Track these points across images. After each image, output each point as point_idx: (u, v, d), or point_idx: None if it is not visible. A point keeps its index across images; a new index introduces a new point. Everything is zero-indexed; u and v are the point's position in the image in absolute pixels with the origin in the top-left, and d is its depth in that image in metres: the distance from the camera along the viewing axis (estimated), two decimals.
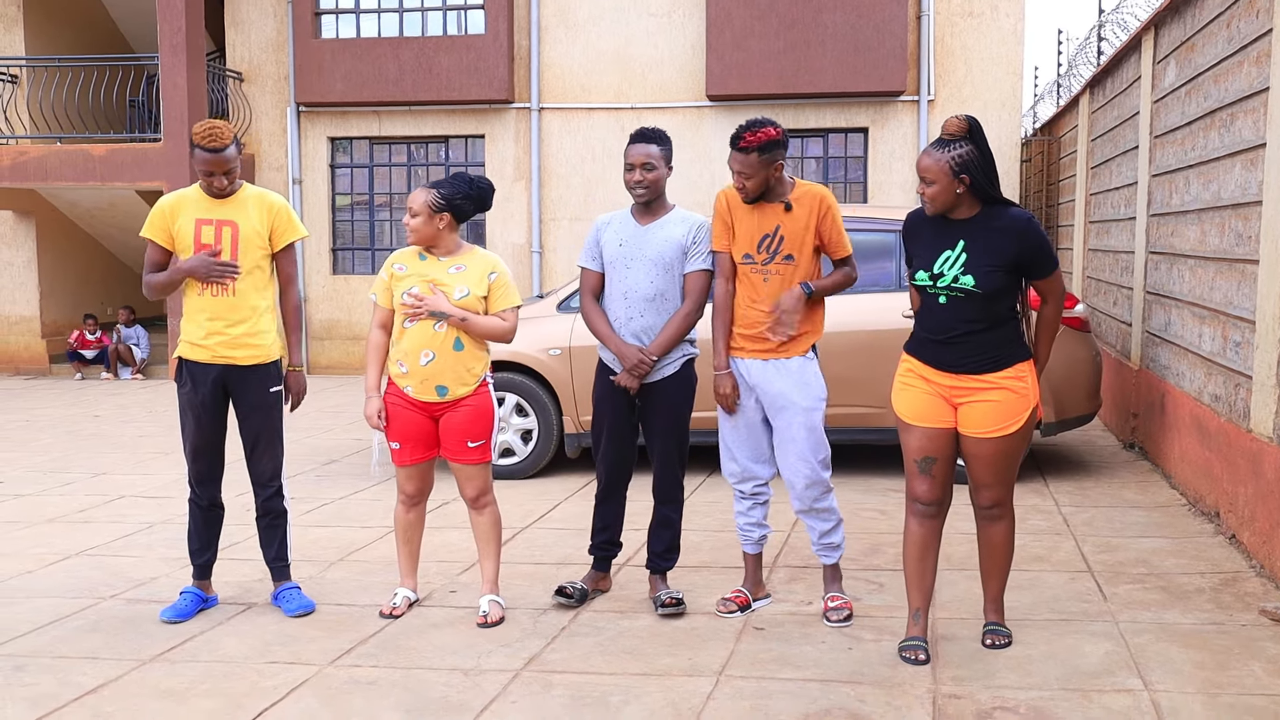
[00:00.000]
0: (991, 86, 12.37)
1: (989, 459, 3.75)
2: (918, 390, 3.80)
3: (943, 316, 3.71)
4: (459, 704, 3.52)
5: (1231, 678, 3.60)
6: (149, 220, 4.36)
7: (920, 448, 3.81)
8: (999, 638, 3.89)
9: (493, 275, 4.29)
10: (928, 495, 3.84)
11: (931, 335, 3.75)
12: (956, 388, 3.73)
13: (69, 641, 4.13)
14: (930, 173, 3.64)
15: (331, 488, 6.85)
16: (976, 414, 3.71)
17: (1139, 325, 7.47)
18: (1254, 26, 5.16)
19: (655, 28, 12.76)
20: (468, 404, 4.25)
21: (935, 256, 3.70)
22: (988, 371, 3.69)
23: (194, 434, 4.36)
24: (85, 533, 5.78)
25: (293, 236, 4.41)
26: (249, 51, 13.57)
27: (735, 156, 4.11)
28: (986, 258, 3.62)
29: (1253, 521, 4.86)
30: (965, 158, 3.61)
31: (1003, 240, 3.63)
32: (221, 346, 4.28)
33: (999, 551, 3.91)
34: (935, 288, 3.70)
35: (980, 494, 3.85)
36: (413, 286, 4.19)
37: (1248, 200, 5.14)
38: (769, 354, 4.19)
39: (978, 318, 3.66)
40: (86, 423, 9.78)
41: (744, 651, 3.92)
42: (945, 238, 3.71)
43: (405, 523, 4.44)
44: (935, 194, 3.66)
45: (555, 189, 13.13)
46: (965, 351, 3.69)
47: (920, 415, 3.80)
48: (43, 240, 13.83)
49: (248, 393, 4.36)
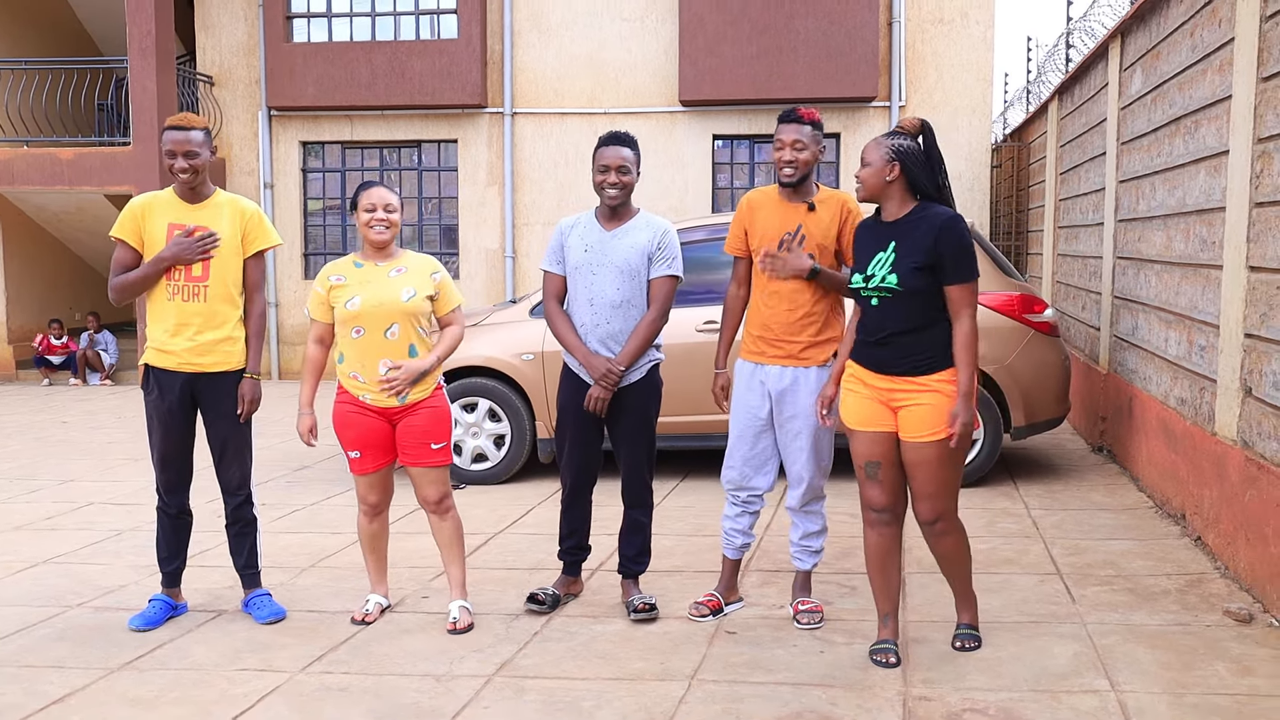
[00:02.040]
0: (962, 93, 12.48)
1: (926, 465, 3.69)
2: (859, 395, 3.81)
3: (875, 318, 3.73)
4: (431, 710, 3.51)
5: (1196, 678, 3.65)
6: (120, 220, 4.29)
7: (864, 453, 3.81)
8: (968, 641, 3.91)
9: (436, 275, 4.27)
10: (878, 501, 3.84)
11: (866, 337, 3.78)
12: (893, 390, 3.73)
13: (35, 650, 4.08)
14: (868, 154, 3.72)
15: (303, 494, 6.81)
16: (912, 418, 3.70)
17: (1107, 330, 7.55)
18: (1216, 35, 5.23)
19: (628, 32, 12.78)
20: (425, 407, 4.23)
21: (870, 259, 3.74)
22: (920, 374, 3.68)
23: (162, 442, 4.32)
24: (52, 540, 5.72)
25: (264, 244, 4.36)
26: (220, 55, 13.49)
27: (789, 129, 4.12)
28: (909, 257, 3.64)
29: (1217, 524, 4.92)
30: (904, 149, 3.67)
31: (924, 236, 3.64)
32: (189, 353, 4.24)
33: (952, 563, 3.90)
34: (866, 289, 3.73)
35: (920, 506, 3.77)
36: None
37: (1211, 206, 5.22)
38: (789, 360, 4.19)
39: (906, 317, 3.67)
40: (54, 429, 9.68)
41: (716, 655, 3.94)
42: (881, 240, 3.74)
43: (370, 532, 4.42)
44: (866, 175, 3.72)
45: (528, 193, 13.12)
46: (897, 352, 3.69)
47: (862, 420, 3.80)
48: (9, 244, 13.67)
49: (215, 401, 4.32)
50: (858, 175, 3.77)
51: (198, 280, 4.22)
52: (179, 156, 4.18)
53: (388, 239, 4.20)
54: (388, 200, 4.19)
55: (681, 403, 6.35)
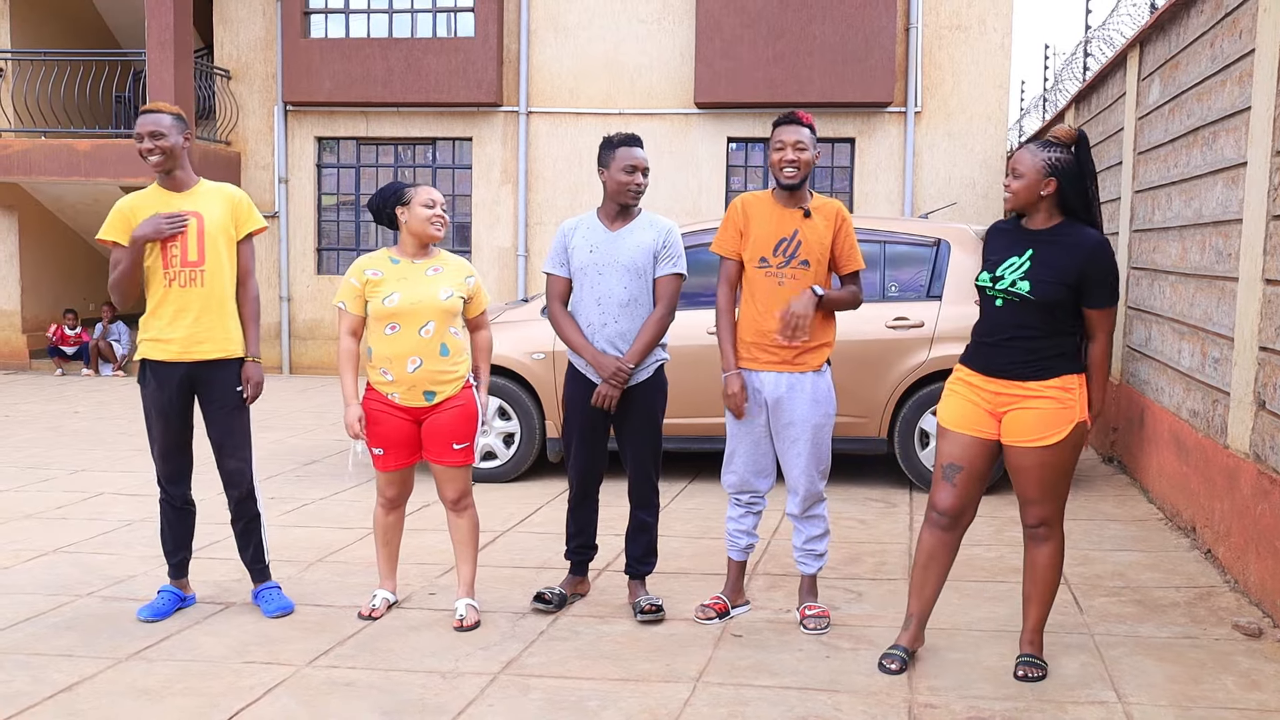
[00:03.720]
0: (978, 99, 12.45)
1: (1032, 471, 3.66)
2: (960, 398, 3.77)
3: (997, 319, 3.69)
4: (436, 706, 3.52)
5: (1204, 691, 3.63)
6: (108, 222, 4.26)
7: (949, 453, 3.77)
8: (1033, 669, 3.72)
9: (471, 279, 4.31)
10: (944, 504, 3.79)
11: (984, 338, 3.73)
12: (1001, 394, 3.68)
13: (44, 639, 4.10)
14: (1022, 165, 3.62)
15: (311, 488, 6.83)
16: (1019, 422, 3.65)
17: (1120, 340, 7.53)
18: (1237, 46, 5.21)
19: (645, 34, 12.79)
20: (453, 405, 4.25)
21: (1003, 261, 3.69)
22: (1033, 379, 3.63)
23: (161, 435, 4.32)
24: (63, 529, 5.74)
25: (252, 226, 4.37)
26: (237, 49, 13.54)
27: (790, 129, 4.12)
28: (1048, 269, 3.59)
29: (1228, 537, 4.90)
30: (1060, 162, 3.58)
31: (1069, 255, 3.58)
32: (188, 340, 4.23)
33: (1043, 574, 3.78)
34: (993, 289, 3.68)
35: (1026, 511, 3.75)
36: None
37: (1228, 218, 5.20)
38: (784, 366, 4.18)
39: (1031, 324, 3.62)
40: (66, 419, 9.72)
41: (722, 658, 3.93)
42: (1018, 245, 3.69)
43: (385, 525, 4.43)
44: (1019, 188, 3.63)
45: (542, 192, 13.14)
46: (1013, 355, 3.64)
47: (957, 422, 3.76)
48: (25, 235, 13.75)
49: (213, 391, 4.31)
50: (1009, 186, 3.66)
51: (194, 265, 4.22)
52: (145, 138, 4.18)
53: (442, 236, 4.26)
54: (442, 199, 4.27)
55: (691, 405, 6.36)
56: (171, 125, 4.21)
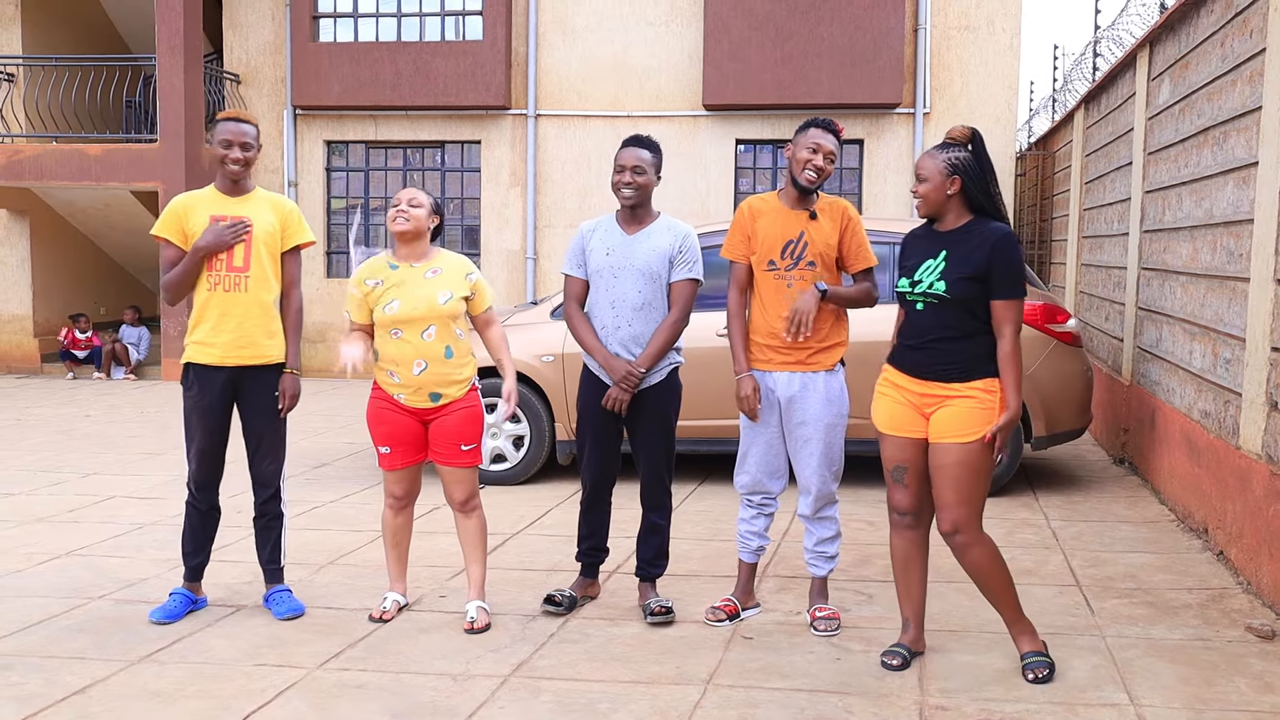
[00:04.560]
0: (987, 100, 12.43)
1: (949, 470, 3.66)
2: (891, 400, 3.84)
3: (919, 322, 3.76)
4: (447, 709, 3.52)
5: (1217, 693, 3.62)
6: (162, 219, 4.35)
7: (892, 457, 3.84)
8: (1040, 670, 3.71)
9: (471, 276, 4.32)
10: (903, 504, 3.87)
11: (908, 341, 3.80)
12: (927, 395, 3.74)
13: (57, 641, 4.12)
14: (925, 170, 3.72)
15: (322, 491, 6.85)
16: (942, 420, 3.70)
17: (1130, 341, 7.50)
18: (1247, 46, 5.20)
19: (653, 36, 12.80)
20: (459, 408, 4.26)
21: (919, 265, 3.77)
22: (956, 380, 3.69)
23: (201, 438, 4.35)
24: (75, 532, 5.77)
25: (301, 239, 4.44)
26: (246, 54, 13.58)
27: (827, 137, 4.16)
28: (960, 267, 3.67)
29: (1240, 538, 4.88)
30: (961, 162, 3.69)
31: (978, 250, 3.67)
32: (232, 345, 4.28)
33: (986, 580, 3.77)
34: (913, 294, 3.76)
35: (941, 517, 3.71)
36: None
37: (1239, 218, 5.18)
38: (797, 366, 4.19)
39: (951, 325, 3.69)
40: (78, 422, 9.76)
41: (732, 660, 3.93)
42: (931, 248, 3.78)
43: (394, 527, 4.44)
44: (927, 191, 3.72)
45: (550, 195, 13.15)
46: (936, 357, 3.71)
47: (892, 425, 3.82)
48: (37, 239, 13.81)
49: (254, 394, 4.36)
50: (916, 191, 3.75)
51: (239, 271, 4.28)
52: (235, 147, 4.27)
53: (406, 229, 4.22)
54: (411, 195, 4.25)
55: (700, 407, 6.35)
56: (256, 137, 4.33)
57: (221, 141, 4.26)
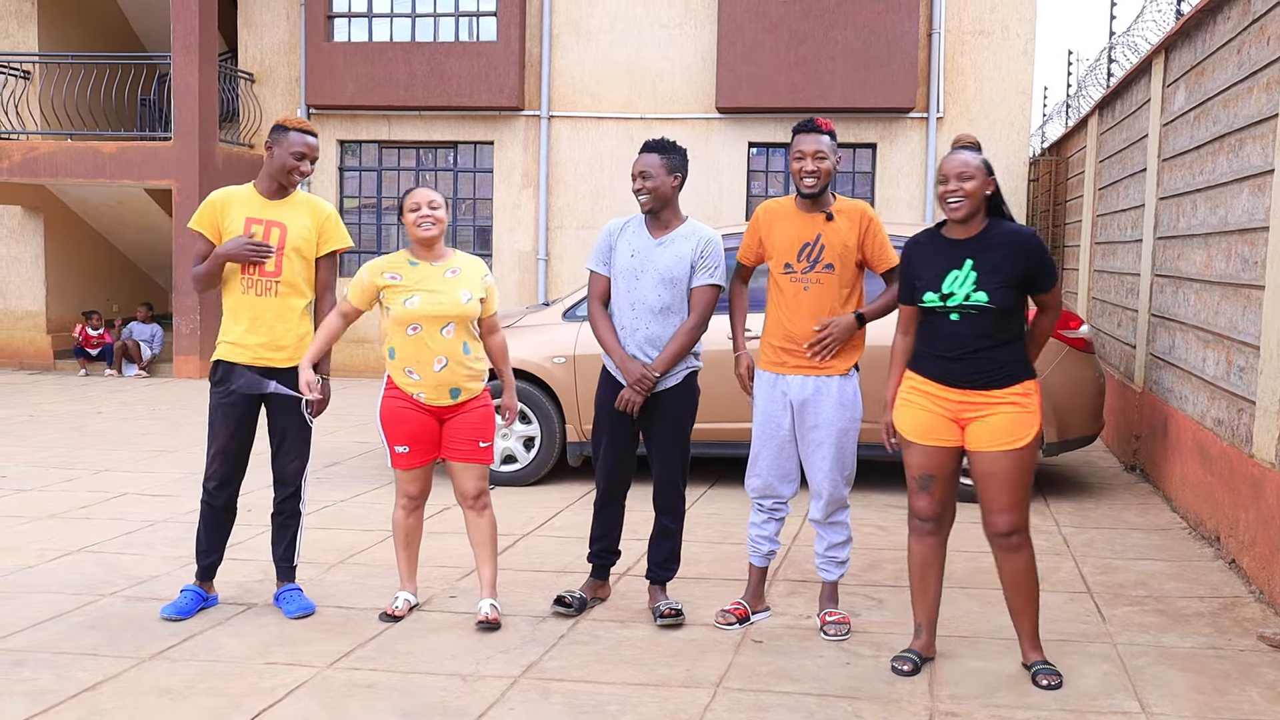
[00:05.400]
0: (1000, 105, 12.41)
1: (1002, 476, 3.69)
2: (919, 408, 3.80)
3: (954, 333, 3.70)
4: (457, 709, 3.52)
5: (1228, 702, 3.61)
6: (199, 213, 4.39)
7: (920, 465, 3.82)
8: (1051, 678, 3.71)
9: (487, 278, 4.35)
10: (925, 511, 3.86)
11: (941, 353, 3.74)
12: (965, 404, 3.72)
13: (69, 638, 4.13)
14: (970, 168, 3.67)
15: (332, 490, 6.86)
16: (985, 429, 3.70)
17: (1143, 348, 7.48)
18: (1265, 53, 5.18)
19: (666, 38, 12.81)
20: (475, 406, 4.29)
21: (943, 277, 3.71)
22: (996, 387, 3.68)
23: (224, 436, 4.37)
24: (87, 529, 5.79)
25: (338, 244, 4.45)
26: (261, 53, 13.63)
27: (809, 139, 4.14)
28: (997, 275, 3.64)
29: (1253, 547, 4.86)
30: (988, 163, 3.70)
31: (1011, 257, 3.66)
32: (263, 348, 4.31)
33: (1025, 584, 3.78)
34: (945, 306, 3.70)
35: (995, 519, 3.74)
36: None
37: (1255, 226, 5.16)
38: (811, 370, 4.19)
39: (990, 334, 3.67)
40: (90, 419, 9.80)
41: (742, 664, 3.93)
42: (951, 258, 3.72)
43: (405, 527, 4.45)
44: (974, 189, 3.66)
45: (563, 196, 13.16)
46: (976, 367, 3.69)
47: (922, 433, 3.80)
48: (50, 236, 13.88)
49: (282, 397, 4.38)
50: (959, 190, 3.65)
51: (271, 276, 4.31)
52: (306, 160, 4.32)
53: (435, 234, 4.24)
54: (430, 198, 4.25)
55: (710, 410, 6.33)
56: (318, 148, 4.37)
57: (294, 153, 4.28)
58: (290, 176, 4.31)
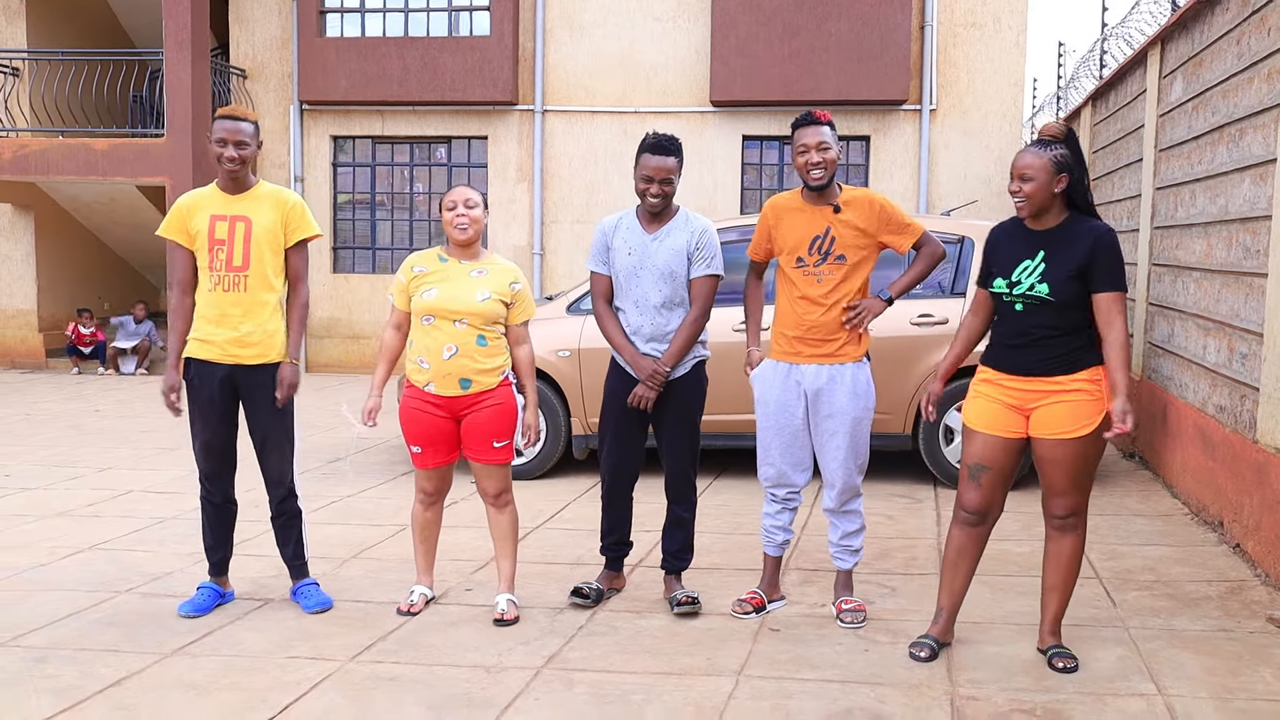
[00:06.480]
0: (993, 97, 12.46)
1: (1064, 463, 3.71)
2: (986, 399, 3.83)
3: (1019, 323, 3.74)
4: (483, 700, 3.55)
5: (1243, 683, 3.66)
6: (167, 220, 4.37)
7: (976, 454, 3.83)
8: (1067, 661, 3.77)
9: (516, 285, 4.32)
10: (973, 503, 3.87)
11: (1008, 340, 3.78)
12: (1030, 392, 3.73)
13: (88, 634, 4.14)
14: (1032, 169, 3.65)
15: (338, 485, 6.87)
16: (1051, 416, 3.71)
17: (1141, 336, 7.54)
18: (1265, 44, 5.23)
19: (660, 32, 12.81)
20: (491, 402, 4.26)
21: (1015, 265, 3.74)
22: (1061, 373, 3.68)
23: (202, 432, 4.37)
24: (96, 527, 5.79)
25: (304, 233, 4.39)
26: (253, 49, 13.58)
27: (810, 131, 4.16)
28: (1063, 267, 3.64)
29: (1258, 531, 4.92)
30: (1064, 159, 3.65)
31: (1079, 248, 3.64)
32: (231, 344, 4.28)
33: (1067, 564, 3.84)
34: (1011, 295, 3.73)
35: (1055, 502, 3.80)
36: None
37: (1256, 214, 5.21)
38: (825, 359, 4.22)
39: (1053, 324, 3.68)
40: (88, 417, 9.78)
41: (762, 652, 3.97)
42: (1027, 248, 3.74)
43: (423, 521, 4.47)
44: (1033, 190, 3.65)
45: (557, 191, 13.17)
46: (1041, 353, 3.70)
47: (985, 423, 3.82)
48: (41, 234, 13.81)
49: (256, 393, 4.36)
50: (1019, 191, 3.66)
51: (238, 270, 4.27)
52: (229, 145, 4.24)
53: (471, 236, 4.26)
54: (467, 197, 4.27)
55: (716, 402, 6.35)
56: (253, 135, 4.30)
57: (217, 140, 4.24)
58: (222, 165, 4.26)
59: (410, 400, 4.31)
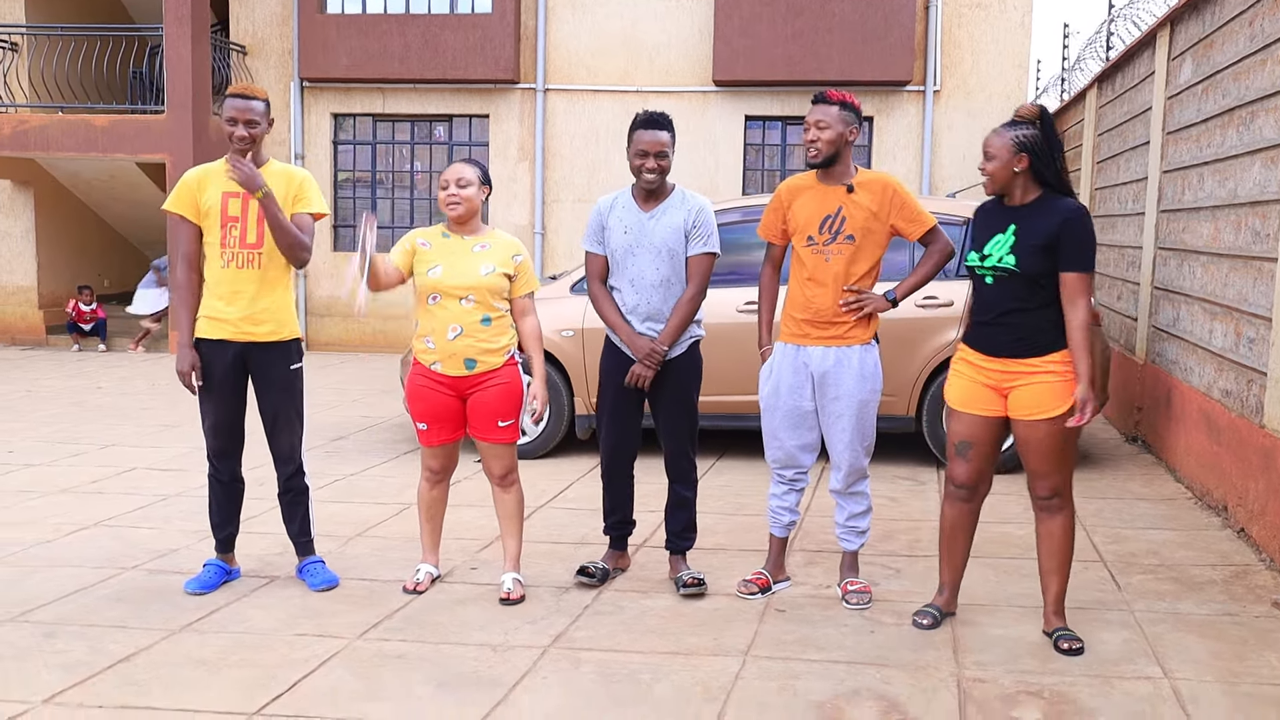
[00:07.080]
0: (997, 78, 12.42)
1: (1040, 443, 3.78)
2: (965, 379, 3.92)
3: (989, 297, 3.82)
4: (491, 678, 3.56)
5: (1248, 667, 3.67)
6: (174, 194, 4.33)
7: (960, 432, 3.92)
8: (1073, 643, 3.79)
9: (518, 258, 4.31)
10: (962, 478, 3.96)
11: (980, 317, 3.87)
12: (1006, 373, 3.80)
13: (96, 610, 4.15)
14: (992, 148, 3.76)
15: (341, 464, 6.87)
16: (1025, 398, 3.77)
17: (1145, 320, 7.53)
18: (1278, 26, 5.20)
19: (663, 10, 12.75)
20: (497, 381, 4.26)
21: (988, 239, 3.82)
22: (1034, 355, 3.75)
23: (212, 411, 4.36)
24: (100, 503, 5.79)
25: (308, 208, 4.36)
26: (253, 25, 13.50)
27: (814, 110, 4.16)
28: (1029, 240, 3.72)
29: (1263, 516, 4.93)
30: (1028, 139, 3.72)
31: (1047, 223, 3.72)
32: (244, 321, 4.27)
33: (1059, 546, 3.88)
34: (982, 267, 3.82)
35: (1037, 483, 3.86)
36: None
37: (1267, 198, 5.20)
38: (833, 341, 4.22)
39: (1019, 297, 3.74)
40: (90, 394, 9.77)
41: (767, 633, 3.98)
42: (1000, 222, 3.83)
43: (429, 499, 4.47)
44: (994, 170, 3.76)
45: (559, 170, 13.13)
46: (1009, 333, 3.76)
47: (965, 402, 3.90)
48: (41, 210, 13.76)
49: (267, 370, 4.36)
50: (983, 169, 3.80)
51: (252, 247, 4.26)
52: (240, 124, 4.22)
53: (461, 213, 4.24)
54: (459, 175, 4.24)
55: (720, 383, 6.37)
56: (264, 113, 4.28)
57: (227, 119, 4.24)
58: (233, 143, 4.24)
59: (417, 377, 4.31)
